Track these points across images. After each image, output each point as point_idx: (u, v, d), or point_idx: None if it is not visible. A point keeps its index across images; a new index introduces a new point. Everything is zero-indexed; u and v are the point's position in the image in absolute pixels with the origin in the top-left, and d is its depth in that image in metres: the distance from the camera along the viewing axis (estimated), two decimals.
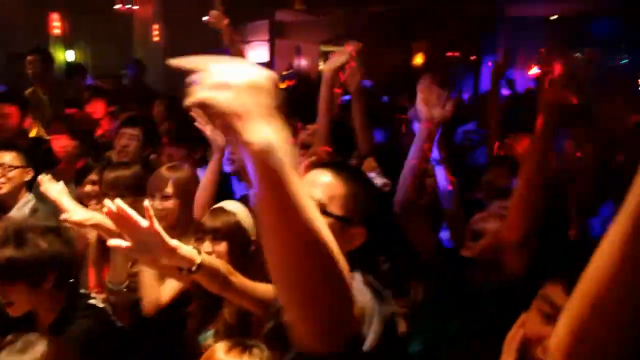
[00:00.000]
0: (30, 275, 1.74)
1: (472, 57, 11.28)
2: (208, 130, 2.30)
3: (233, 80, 0.69)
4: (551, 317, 0.98)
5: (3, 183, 2.65)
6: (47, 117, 4.03)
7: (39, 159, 2.99)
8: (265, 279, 1.67)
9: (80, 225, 1.84)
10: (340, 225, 1.22)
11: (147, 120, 3.43)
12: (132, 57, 9.09)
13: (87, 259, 2.33)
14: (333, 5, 10.55)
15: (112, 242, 1.27)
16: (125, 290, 2.06)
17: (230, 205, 1.91)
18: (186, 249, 1.37)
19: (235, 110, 0.68)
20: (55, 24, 8.76)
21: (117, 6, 10.22)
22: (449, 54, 11.45)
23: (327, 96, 2.58)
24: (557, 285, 0.97)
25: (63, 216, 1.84)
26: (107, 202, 1.27)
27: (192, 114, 2.24)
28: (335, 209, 1.23)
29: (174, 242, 1.33)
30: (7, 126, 3.43)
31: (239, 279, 1.50)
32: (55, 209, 1.97)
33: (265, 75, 0.73)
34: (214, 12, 2.78)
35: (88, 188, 2.61)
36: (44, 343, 1.50)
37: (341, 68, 2.63)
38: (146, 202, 1.35)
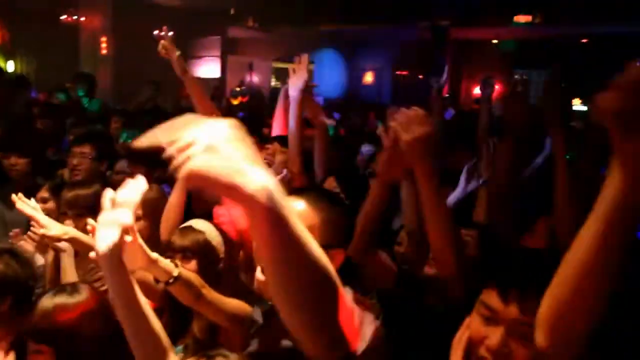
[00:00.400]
0: None
1: (420, 77, 11.68)
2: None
3: (214, 142, 0.70)
4: (490, 320, 1.06)
5: None
6: None
7: None
8: (234, 295, 1.71)
9: (56, 239, 1.83)
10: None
11: (100, 137, 3.34)
12: (80, 70, 8.85)
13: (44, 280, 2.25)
14: (285, 23, 10.69)
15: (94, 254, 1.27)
16: None
17: (199, 224, 1.92)
18: (165, 261, 1.47)
19: (230, 171, 0.69)
20: None
21: (63, 16, 9.95)
22: (398, 72, 11.82)
23: (299, 117, 2.58)
24: (492, 291, 1.06)
25: (41, 231, 1.81)
26: (90, 220, 1.31)
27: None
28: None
29: (154, 255, 1.41)
30: None
31: (211, 292, 1.58)
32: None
33: (234, 125, 0.74)
34: (164, 43, 2.68)
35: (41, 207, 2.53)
36: None
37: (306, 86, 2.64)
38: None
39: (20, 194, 1.86)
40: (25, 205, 1.85)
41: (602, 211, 0.78)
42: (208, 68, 11.02)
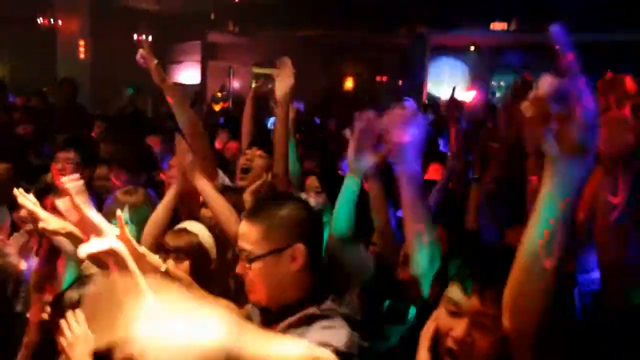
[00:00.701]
0: None
1: (399, 82, 11.84)
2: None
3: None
4: (454, 313, 1.14)
5: None
6: None
7: None
8: (223, 295, 1.75)
9: (55, 233, 1.86)
10: (273, 257, 1.40)
11: (83, 142, 3.34)
12: (57, 74, 8.77)
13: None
14: (266, 28, 10.73)
15: (83, 249, 1.31)
16: None
17: (192, 226, 1.98)
18: (153, 256, 1.49)
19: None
20: None
21: (39, 20, 9.84)
22: (378, 78, 11.95)
23: (284, 120, 2.58)
24: (455, 285, 1.15)
25: (40, 224, 1.84)
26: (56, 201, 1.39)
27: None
28: (260, 250, 1.40)
29: (142, 249, 1.44)
30: None
31: (200, 292, 1.58)
32: None
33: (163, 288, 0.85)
34: (142, 51, 2.68)
35: (24, 212, 2.54)
36: None
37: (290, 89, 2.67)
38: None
39: (20, 189, 1.88)
40: (26, 200, 1.88)
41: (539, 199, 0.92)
42: (188, 73, 10.99)
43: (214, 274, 1.92)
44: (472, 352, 1.11)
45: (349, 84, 11.93)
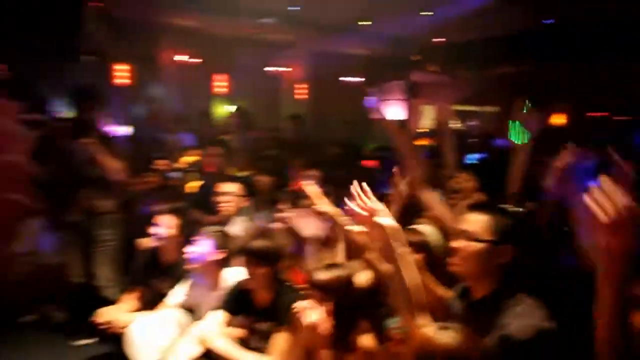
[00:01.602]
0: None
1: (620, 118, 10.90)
2: None
3: None
4: None
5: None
6: None
7: None
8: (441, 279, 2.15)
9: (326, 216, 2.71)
10: (489, 246, 1.84)
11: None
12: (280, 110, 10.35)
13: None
14: (464, 67, 11.01)
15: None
16: None
17: (421, 227, 2.61)
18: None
19: None
20: (220, 84, 10.23)
21: (268, 68, 11.65)
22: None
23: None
24: None
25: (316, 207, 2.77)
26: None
27: None
28: (482, 236, 1.89)
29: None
30: None
31: (428, 277, 2.14)
32: None
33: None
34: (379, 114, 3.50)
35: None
36: None
37: None
38: None
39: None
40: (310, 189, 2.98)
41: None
42: (393, 110, 11.75)
43: (440, 263, 2.35)
44: None
45: (560, 119, 11.37)
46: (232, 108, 9.77)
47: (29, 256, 5.00)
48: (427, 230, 2.61)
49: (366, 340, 2.16)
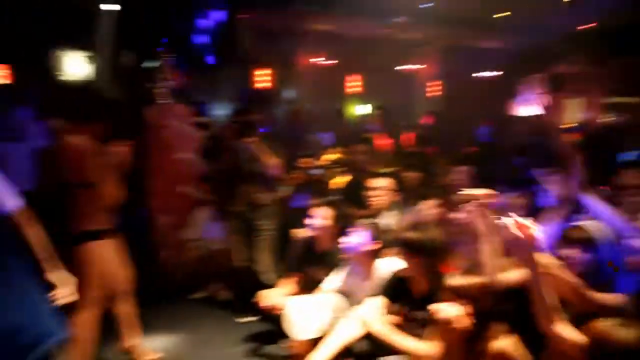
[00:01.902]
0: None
1: None
2: None
3: None
4: None
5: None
6: None
7: None
8: None
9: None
10: None
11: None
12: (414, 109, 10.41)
13: None
14: (614, 55, 10.15)
15: None
16: None
17: (586, 224, 2.62)
18: None
19: None
20: (353, 84, 10.55)
21: (399, 67, 11.76)
22: None
23: None
24: None
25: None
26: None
27: None
28: None
29: None
30: None
31: None
32: None
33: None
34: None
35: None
36: None
37: None
38: None
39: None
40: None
41: None
42: (533, 106, 11.20)
43: None
44: None
45: None
46: (366, 108, 10.06)
47: (199, 241, 5.70)
48: (593, 226, 2.62)
49: (502, 344, 2.20)
